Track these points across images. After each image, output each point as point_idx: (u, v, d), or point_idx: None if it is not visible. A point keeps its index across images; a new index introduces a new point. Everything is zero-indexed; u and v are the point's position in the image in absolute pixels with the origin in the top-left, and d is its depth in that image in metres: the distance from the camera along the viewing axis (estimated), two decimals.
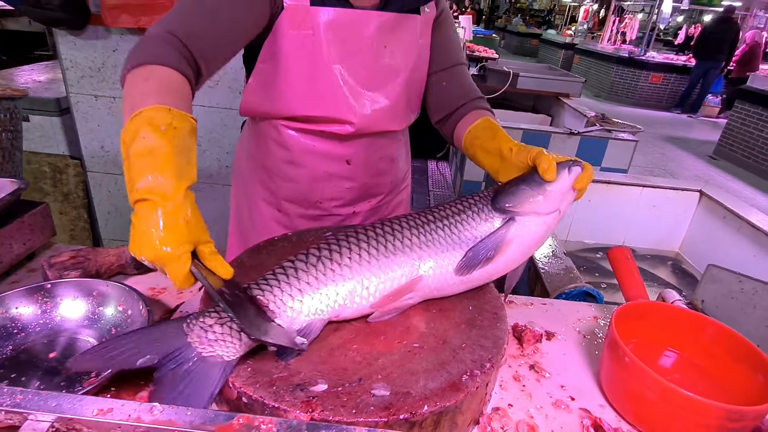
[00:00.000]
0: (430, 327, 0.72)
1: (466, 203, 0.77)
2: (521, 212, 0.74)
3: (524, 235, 0.74)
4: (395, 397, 0.57)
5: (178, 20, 0.74)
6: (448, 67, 1.02)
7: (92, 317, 0.78)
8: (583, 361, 0.82)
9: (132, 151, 0.57)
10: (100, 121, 2.05)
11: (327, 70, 0.90)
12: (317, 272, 0.67)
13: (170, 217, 0.55)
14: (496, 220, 0.74)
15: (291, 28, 0.87)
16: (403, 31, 0.94)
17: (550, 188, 0.73)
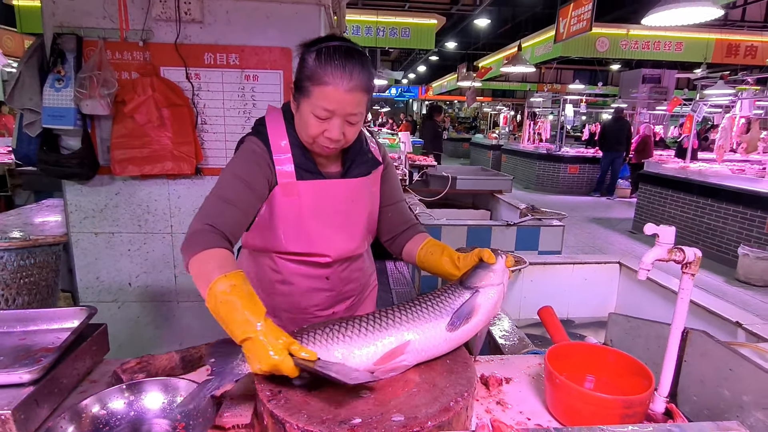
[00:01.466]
0: (423, 377, 1.01)
1: (441, 290, 1.11)
2: (481, 286, 1.09)
3: (486, 300, 1.09)
4: (408, 420, 0.85)
5: (211, 214, 1.09)
6: (393, 203, 1.41)
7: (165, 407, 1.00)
8: (533, 394, 1.12)
9: (222, 314, 0.91)
10: (97, 255, 2.27)
11: (309, 224, 1.25)
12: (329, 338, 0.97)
13: (268, 339, 0.87)
14: (466, 294, 1.08)
15: (283, 196, 1.22)
16: (361, 187, 1.31)
17: (494, 268, 1.10)
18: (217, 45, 2.11)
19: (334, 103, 1.09)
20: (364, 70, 1.10)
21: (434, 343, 1.04)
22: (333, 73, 1.07)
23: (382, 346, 0.98)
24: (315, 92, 1.09)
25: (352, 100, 1.09)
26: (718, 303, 2.12)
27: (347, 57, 1.08)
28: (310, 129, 1.13)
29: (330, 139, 1.13)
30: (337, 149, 1.19)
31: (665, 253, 0.91)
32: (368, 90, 1.13)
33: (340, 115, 1.11)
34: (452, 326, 1.03)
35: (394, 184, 1.43)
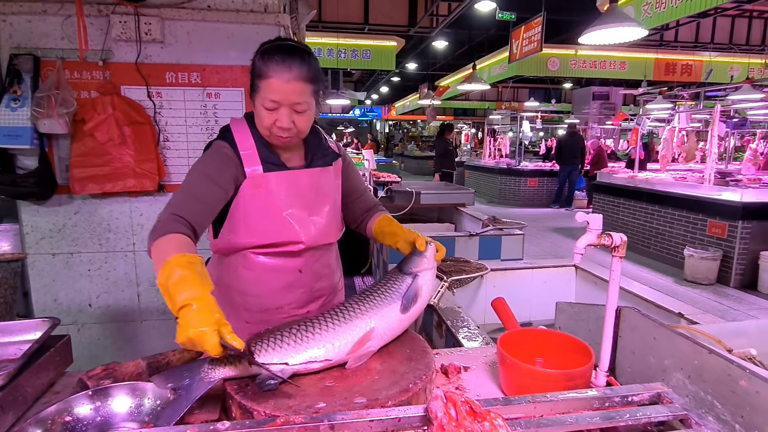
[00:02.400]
0: (384, 366, 1.07)
1: (385, 280, 1.21)
2: (418, 270, 1.21)
3: (425, 282, 1.21)
4: (370, 401, 0.91)
5: (177, 205, 1.17)
6: (358, 196, 1.54)
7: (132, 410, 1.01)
8: (489, 379, 1.20)
9: (170, 283, 0.93)
10: (55, 277, 2.23)
11: (279, 212, 1.33)
12: (303, 337, 1.01)
13: (202, 310, 0.89)
14: (408, 279, 1.20)
15: (252, 188, 1.29)
16: (323, 177, 1.41)
17: (426, 254, 1.23)
18: (179, 64, 2.16)
19: (279, 94, 1.19)
20: (305, 63, 1.20)
21: (392, 325, 1.12)
22: (274, 67, 1.18)
23: (351, 336, 1.04)
24: (262, 86, 1.20)
25: (294, 90, 1.19)
26: (663, 297, 2.28)
27: (287, 52, 1.19)
28: (263, 120, 1.24)
29: (281, 128, 1.23)
30: (292, 138, 1.28)
31: (595, 238, 1.02)
32: (311, 80, 1.22)
33: (286, 104, 1.21)
34: (404, 308, 1.14)
35: (356, 178, 1.55)
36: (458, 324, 2.02)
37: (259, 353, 0.96)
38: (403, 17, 8.33)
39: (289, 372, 0.96)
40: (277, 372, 0.94)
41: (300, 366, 0.98)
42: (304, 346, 0.99)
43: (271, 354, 0.97)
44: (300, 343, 0.99)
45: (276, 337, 1.00)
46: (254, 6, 2.18)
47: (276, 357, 0.97)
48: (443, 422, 0.72)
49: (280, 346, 0.98)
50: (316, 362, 0.99)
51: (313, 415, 0.80)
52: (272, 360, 0.96)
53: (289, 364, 0.96)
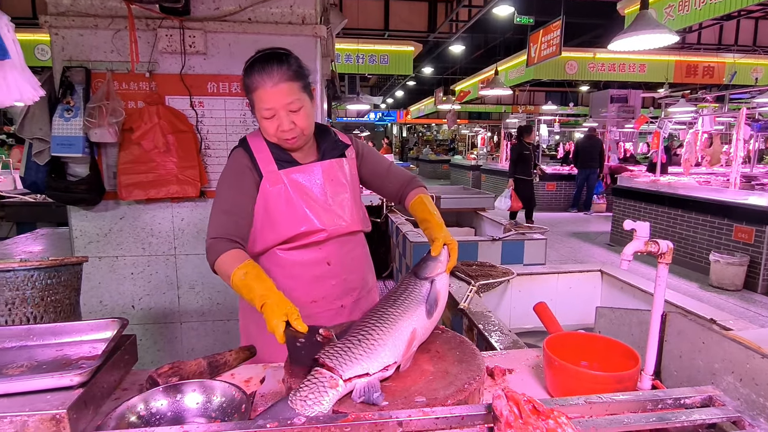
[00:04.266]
0: (436, 367, 1.12)
1: (405, 286, 1.24)
2: (434, 275, 1.25)
3: (442, 285, 1.25)
4: (430, 401, 0.95)
5: (218, 227, 1.30)
6: (384, 173, 1.60)
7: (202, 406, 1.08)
8: (534, 381, 1.24)
9: (248, 281, 1.14)
10: (101, 280, 2.32)
11: (298, 204, 1.40)
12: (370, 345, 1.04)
13: (272, 306, 1.07)
14: (426, 284, 1.23)
15: (271, 187, 1.39)
16: (337, 168, 1.48)
17: (440, 258, 1.26)
18: (220, 75, 2.24)
19: (270, 101, 1.26)
20: (283, 65, 1.26)
21: (425, 327, 1.17)
22: (257, 78, 1.25)
23: (403, 338, 1.09)
24: (254, 99, 1.29)
25: (282, 92, 1.25)
26: (693, 303, 2.29)
27: (264, 60, 1.26)
28: (267, 130, 1.32)
29: (284, 131, 1.30)
30: (298, 138, 1.35)
31: (642, 245, 1.05)
32: (295, 78, 1.28)
33: (280, 108, 1.27)
34: (429, 312, 1.18)
35: (377, 159, 1.61)
36: (490, 328, 2.06)
37: (342, 367, 0.95)
38: (422, 23, 8.40)
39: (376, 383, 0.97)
40: (364, 385, 0.95)
41: (378, 374, 0.99)
42: (375, 353, 1.01)
43: (351, 366, 0.96)
44: (370, 350, 1.01)
45: (345, 348, 1.01)
46: (292, 18, 2.26)
47: (358, 368, 0.97)
48: (510, 420, 0.76)
49: (356, 357, 0.98)
50: (388, 368, 1.02)
51: (381, 413, 0.85)
52: (356, 372, 0.95)
53: (370, 374, 0.97)
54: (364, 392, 0.93)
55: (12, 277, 1.33)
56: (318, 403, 0.89)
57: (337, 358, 0.97)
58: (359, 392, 0.93)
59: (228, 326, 2.46)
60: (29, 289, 1.33)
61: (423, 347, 1.19)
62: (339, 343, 1.03)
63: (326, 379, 0.91)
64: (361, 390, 0.93)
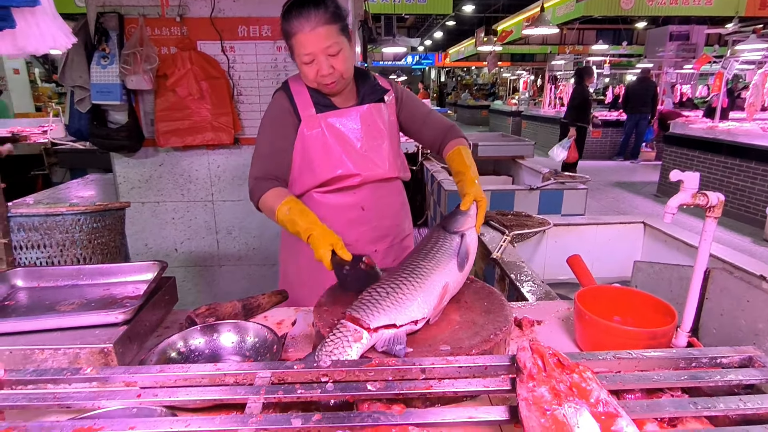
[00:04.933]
0: (463, 317, 1.12)
1: (435, 239, 1.22)
2: (464, 229, 1.23)
3: (472, 240, 1.24)
4: (454, 350, 0.96)
5: (259, 167, 1.35)
6: (423, 122, 1.56)
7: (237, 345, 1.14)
8: (563, 334, 1.23)
9: (293, 216, 1.19)
10: (144, 224, 2.44)
11: (335, 148, 1.41)
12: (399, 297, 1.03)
13: (318, 236, 1.13)
14: (456, 238, 1.22)
15: (308, 130, 1.40)
16: (375, 113, 1.46)
17: (470, 213, 1.25)
18: (251, 17, 2.18)
19: (308, 46, 1.25)
20: (320, 8, 1.24)
21: (457, 281, 1.16)
22: (294, 23, 1.24)
23: (435, 292, 1.08)
24: (293, 45, 1.28)
25: (320, 36, 1.24)
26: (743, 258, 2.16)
27: (300, 5, 1.24)
28: (307, 75, 1.32)
29: (323, 75, 1.29)
30: (338, 83, 1.34)
31: (690, 197, 0.98)
32: (333, 21, 1.26)
33: (319, 52, 1.26)
34: (460, 266, 1.17)
35: (416, 105, 1.58)
36: (522, 278, 2.04)
37: (369, 317, 0.95)
38: None
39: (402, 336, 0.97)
40: (390, 336, 0.95)
41: (406, 326, 0.99)
42: (404, 306, 1.01)
43: (378, 317, 0.96)
44: (400, 303, 1.01)
45: (374, 300, 1.01)
46: None
47: (385, 319, 0.96)
48: (533, 372, 0.76)
49: (384, 308, 0.99)
50: (417, 322, 1.01)
51: (405, 359, 0.86)
52: (383, 323, 0.95)
53: (397, 325, 0.97)
54: (388, 343, 0.94)
55: (61, 220, 1.41)
56: (343, 357, 0.91)
57: (365, 308, 0.98)
58: (383, 342, 0.94)
59: (263, 271, 2.56)
60: (77, 232, 1.41)
61: (451, 297, 1.19)
62: (367, 294, 1.04)
63: (350, 332, 0.92)
64: (385, 340, 0.94)
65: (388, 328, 0.97)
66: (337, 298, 1.21)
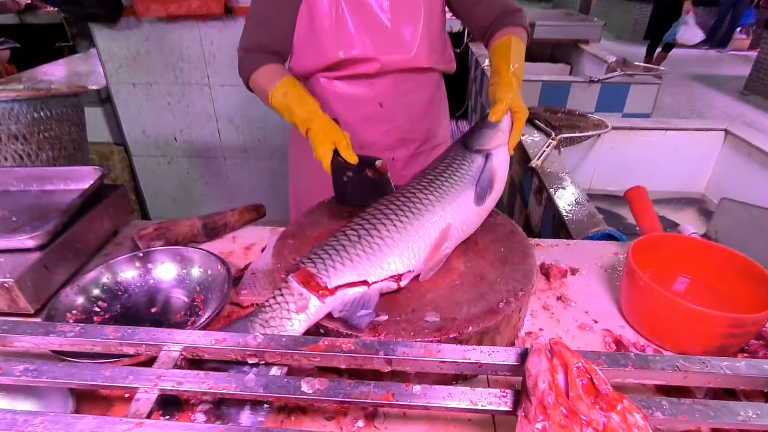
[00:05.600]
0: (468, 267, 0.83)
1: (449, 160, 0.90)
2: (491, 147, 0.91)
3: (501, 162, 0.91)
4: (444, 322, 0.69)
5: (251, 36, 1.09)
6: (476, 1, 1.14)
7: (181, 278, 0.93)
8: (604, 291, 0.93)
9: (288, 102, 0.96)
10: (139, 108, 2.18)
11: (350, 21, 1.08)
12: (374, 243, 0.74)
13: (317, 132, 0.92)
14: (479, 159, 0.89)
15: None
16: None
17: (502, 126, 0.92)
18: None
19: None
20: None
21: (469, 221, 0.85)
22: None
23: (428, 236, 0.78)
24: None
25: None
26: None
27: None
28: None
29: None
30: None
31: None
32: None
33: None
34: (480, 199, 0.85)
35: None
36: (563, 195, 1.69)
37: (327, 274, 0.69)
38: None
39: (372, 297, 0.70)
40: (355, 297, 0.69)
41: (381, 283, 0.73)
42: (381, 255, 0.73)
43: (342, 271, 0.70)
44: (375, 250, 0.72)
45: (339, 248, 0.73)
46: None
47: (351, 274, 0.71)
48: (547, 400, 0.48)
49: (351, 258, 0.71)
50: (400, 277, 0.74)
51: (367, 342, 0.60)
52: (348, 279, 0.70)
53: (369, 282, 0.71)
54: (350, 306, 0.68)
55: None
56: (282, 330, 0.66)
57: (324, 259, 0.70)
58: (342, 304, 0.68)
59: (271, 165, 2.31)
60: (13, 124, 1.16)
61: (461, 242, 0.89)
62: (332, 240, 0.75)
63: (294, 298, 0.66)
64: (347, 302, 0.68)
65: (354, 286, 0.70)
66: (316, 223, 0.94)
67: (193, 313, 0.87)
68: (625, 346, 0.77)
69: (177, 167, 2.35)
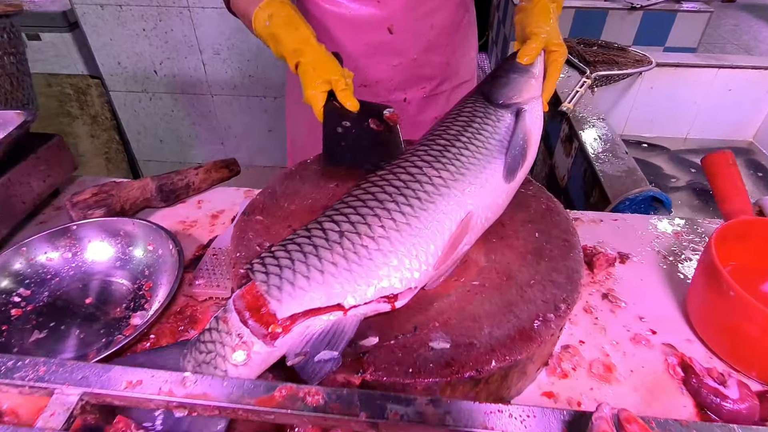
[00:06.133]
0: (491, 260, 0.62)
1: (468, 118, 0.66)
2: (524, 100, 0.67)
3: (535, 120, 0.67)
4: (457, 350, 0.50)
5: None
6: None
7: (123, 258, 0.73)
8: (664, 287, 0.72)
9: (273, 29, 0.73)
10: (111, 35, 1.90)
11: None
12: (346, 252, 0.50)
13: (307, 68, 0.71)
14: (507, 117, 0.66)
15: None
16: None
17: (534, 71, 0.71)
18: None
19: None
20: None
21: (495, 204, 0.62)
22: None
23: (441, 233, 0.54)
24: None
25: None
26: None
27: None
28: None
29: None
30: None
31: None
32: None
33: None
34: (511, 172, 0.61)
35: None
36: (597, 145, 1.45)
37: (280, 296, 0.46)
38: None
39: (348, 328, 0.48)
40: (327, 328, 0.47)
41: (366, 308, 0.49)
42: (368, 267, 0.49)
43: (305, 292, 0.47)
44: (360, 259, 0.49)
45: (306, 251, 0.50)
46: None
47: (320, 295, 0.47)
48: None
49: (320, 273, 0.47)
50: (392, 297, 0.51)
51: (343, 394, 0.41)
52: (312, 304, 0.47)
53: (345, 308, 0.47)
54: (311, 347, 0.46)
55: None
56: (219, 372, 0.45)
57: (281, 269, 0.48)
58: (303, 343, 0.46)
59: (265, 104, 2.05)
60: None
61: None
62: (300, 236, 0.52)
63: (231, 339, 0.45)
64: (309, 340, 0.46)
65: (323, 313, 0.48)
66: (295, 192, 0.73)
67: (138, 306, 0.69)
68: (696, 373, 0.58)
69: (160, 104, 2.10)
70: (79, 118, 2.21)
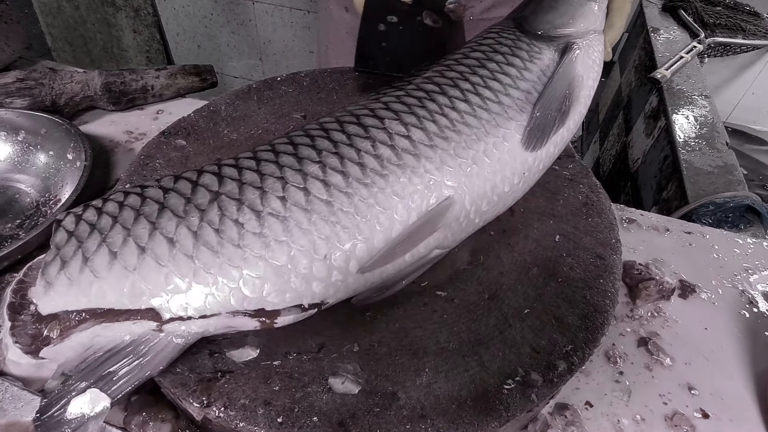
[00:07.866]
0: (476, 262, 0.41)
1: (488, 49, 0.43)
2: (577, 32, 0.45)
3: (590, 64, 0.44)
4: (366, 402, 0.31)
5: None
6: None
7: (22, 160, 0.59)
8: (739, 347, 0.48)
9: None
10: None
11: None
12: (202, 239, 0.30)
13: None
14: (548, 52, 0.43)
15: None
16: None
17: None
18: None
19: None
20: None
21: (502, 186, 0.39)
22: None
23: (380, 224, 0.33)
24: None
25: None
26: None
27: None
28: None
29: None
30: None
31: None
32: None
33: None
34: (535, 137, 0.39)
35: None
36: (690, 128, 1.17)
37: (48, 282, 0.29)
38: None
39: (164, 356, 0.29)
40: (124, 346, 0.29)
41: (207, 324, 0.31)
42: (220, 260, 0.30)
43: (78, 284, 0.29)
44: (211, 248, 0.29)
45: (127, 215, 0.31)
46: None
47: (104, 291, 0.29)
48: None
49: (112, 257, 0.28)
50: (259, 313, 0.31)
51: None
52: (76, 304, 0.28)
53: (161, 320, 0.29)
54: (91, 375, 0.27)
55: None
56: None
57: (79, 238, 0.29)
58: (71, 365, 0.27)
59: (308, 20, 1.83)
60: None
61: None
62: (153, 188, 0.33)
63: None
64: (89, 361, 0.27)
65: (116, 320, 0.28)
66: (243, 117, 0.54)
67: (35, 224, 0.55)
68: None
69: (199, 5, 1.93)
70: (123, 9, 2.10)
